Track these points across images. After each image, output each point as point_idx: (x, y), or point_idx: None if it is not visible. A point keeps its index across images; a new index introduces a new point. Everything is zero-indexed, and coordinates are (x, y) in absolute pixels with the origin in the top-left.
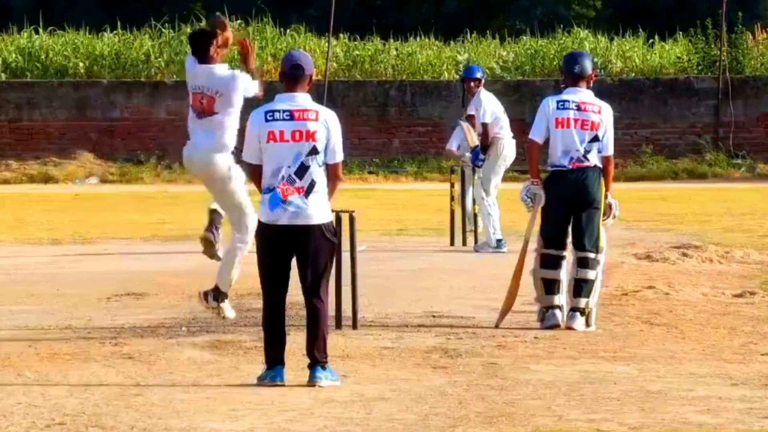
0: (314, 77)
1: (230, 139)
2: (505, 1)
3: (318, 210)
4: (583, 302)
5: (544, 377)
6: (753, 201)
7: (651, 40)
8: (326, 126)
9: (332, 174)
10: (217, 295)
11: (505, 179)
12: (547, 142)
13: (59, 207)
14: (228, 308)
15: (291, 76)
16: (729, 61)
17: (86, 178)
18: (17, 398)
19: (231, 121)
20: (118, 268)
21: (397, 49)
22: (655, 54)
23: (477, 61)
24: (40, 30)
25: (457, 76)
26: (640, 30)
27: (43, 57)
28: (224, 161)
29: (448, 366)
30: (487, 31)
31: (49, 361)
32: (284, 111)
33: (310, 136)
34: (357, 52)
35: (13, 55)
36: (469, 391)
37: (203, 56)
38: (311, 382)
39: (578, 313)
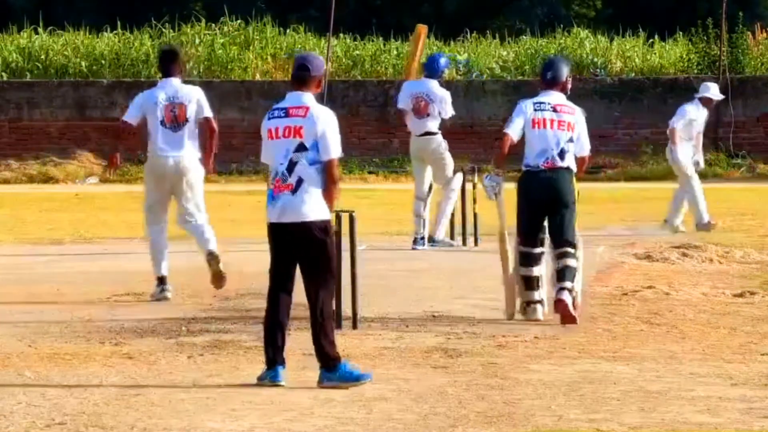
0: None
1: None
2: (505, 1)
3: (307, 207)
4: (568, 284)
5: (544, 377)
6: (753, 201)
7: (651, 40)
8: (315, 121)
9: (326, 171)
10: None
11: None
12: (521, 143)
13: (59, 207)
14: None
15: (296, 76)
16: (729, 61)
17: (86, 178)
18: (17, 398)
19: None
20: (118, 268)
21: (397, 49)
22: (655, 54)
23: (477, 61)
24: (40, 30)
25: (459, 77)
26: (640, 30)
27: (43, 57)
28: None
29: (448, 366)
30: (487, 31)
31: (49, 361)
32: (282, 108)
33: (296, 132)
34: (357, 52)
35: (13, 55)
36: (469, 391)
37: None
38: (318, 384)
39: (565, 290)
